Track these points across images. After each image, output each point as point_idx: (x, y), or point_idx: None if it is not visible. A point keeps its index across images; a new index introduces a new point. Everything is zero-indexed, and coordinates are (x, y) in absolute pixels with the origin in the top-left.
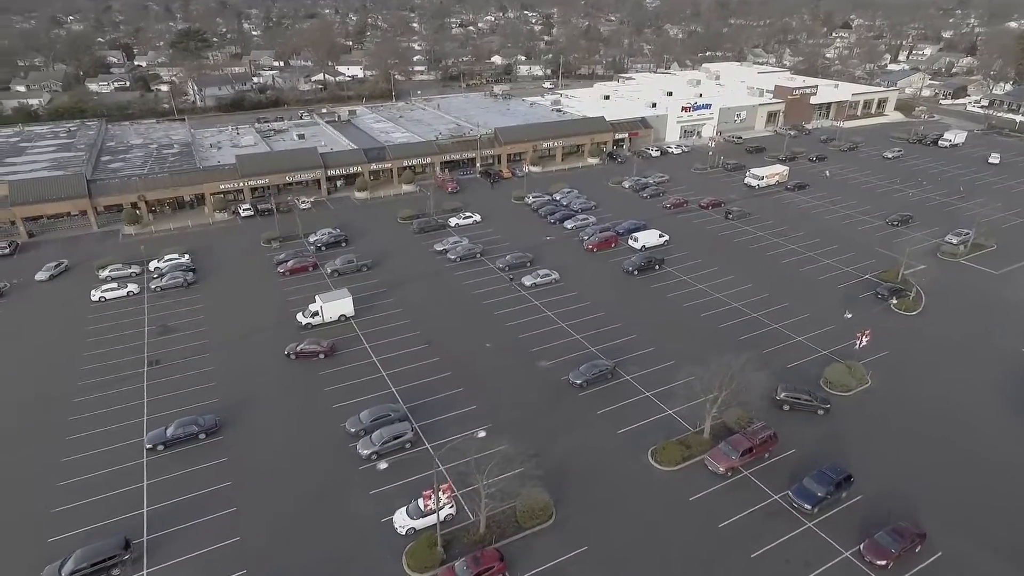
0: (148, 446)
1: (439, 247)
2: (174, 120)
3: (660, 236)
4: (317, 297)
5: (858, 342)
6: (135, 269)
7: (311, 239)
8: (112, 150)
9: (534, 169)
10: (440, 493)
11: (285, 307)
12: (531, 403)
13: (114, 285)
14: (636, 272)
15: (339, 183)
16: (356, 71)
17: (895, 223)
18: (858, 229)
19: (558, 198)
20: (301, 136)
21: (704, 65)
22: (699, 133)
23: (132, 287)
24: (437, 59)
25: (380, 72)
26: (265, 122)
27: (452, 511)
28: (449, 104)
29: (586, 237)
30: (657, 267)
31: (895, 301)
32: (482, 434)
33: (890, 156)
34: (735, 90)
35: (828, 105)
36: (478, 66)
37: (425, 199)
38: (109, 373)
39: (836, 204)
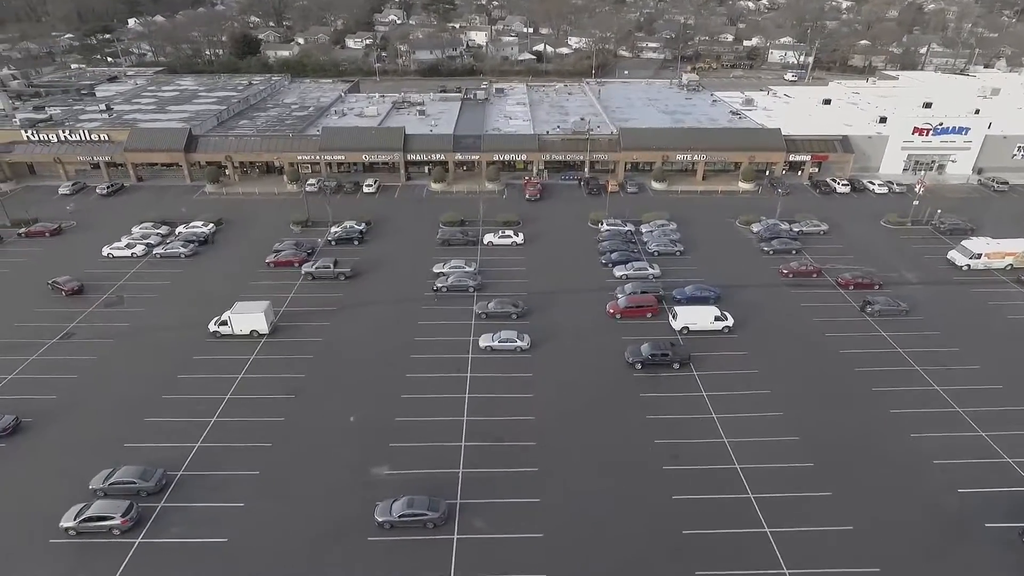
0: None
1: (437, 268)
2: (347, 81)
3: (717, 319)
4: (236, 304)
5: None
6: (163, 230)
7: (332, 230)
8: (259, 106)
9: (657, 186)
10: None
11: (229, 304)
12: (297, 543)
13: (123, 243)
14: (640, 367)
15: (428, 168)
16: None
17: None
18: None
19: (645, 230)
20: (422, 112)
21: None
22: (940, 167)
23: (138, 248)
24: (684, 36)
25: (591, 46)
26: (456, 89)
27: None
28: (617, 91)
29: (619, 296)
30: (676, 366)
31: None
32: None
33: None
34: None
35: None
36: (719, 47)
37: (493, 202)
38: (24, 337)
39: None
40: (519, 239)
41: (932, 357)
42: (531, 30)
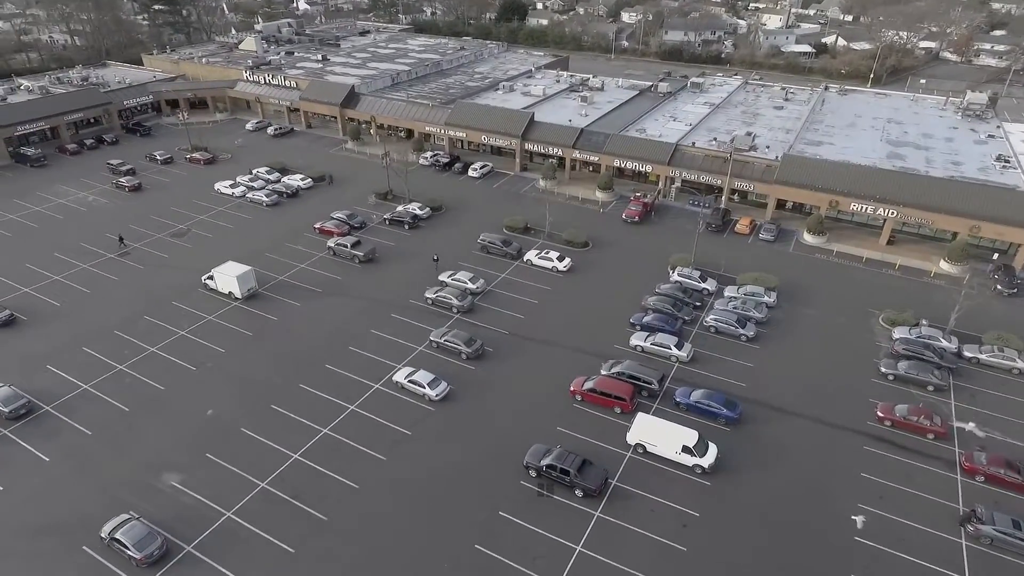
0: None
1: (443, 277)
2: (556, 56)
3: (686, 450)
4: (227, 263)
5: None
6: (274, 176)
7: (398, 208)
8: (447, 73)
9: (809, 239)
10: None
11: (248, 261)
12: (30, 523)
13: (229, 183)
14: (537, 476)
15: (552, 161)
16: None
17: None
18: None
19: (727, 294)
20: (584, 99)
21: None
22: None
23: (240, 189)
24: None
25: (881, 41)
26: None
27: None
28: (853, 104)
29: (603, 371)
30: (579, 493)
31: None
32: None
33: None
34: None
35: None
36: None
37: (589, 214)
38: (103, 247)
39: None
40: (561, 265)
41: None
42: (849, 18)
